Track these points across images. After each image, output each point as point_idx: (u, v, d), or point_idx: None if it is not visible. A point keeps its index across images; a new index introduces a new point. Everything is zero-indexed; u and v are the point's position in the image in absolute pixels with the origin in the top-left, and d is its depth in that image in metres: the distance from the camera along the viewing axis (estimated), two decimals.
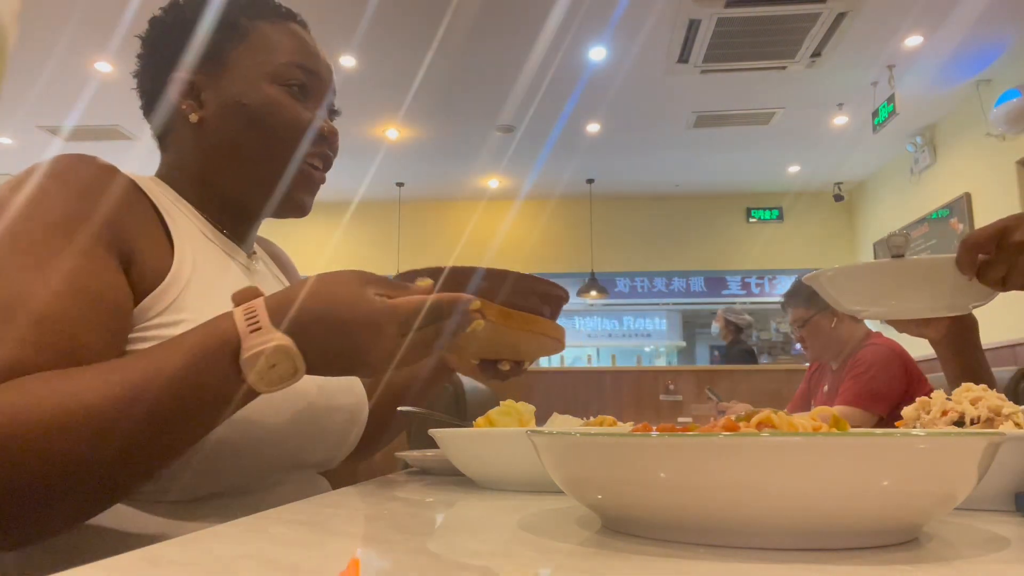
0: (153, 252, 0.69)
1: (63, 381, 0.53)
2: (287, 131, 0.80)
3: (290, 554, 0.40)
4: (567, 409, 0.90)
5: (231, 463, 0.67)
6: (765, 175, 7.21)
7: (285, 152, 0.80)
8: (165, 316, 0.66)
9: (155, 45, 0.82)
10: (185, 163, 0.81)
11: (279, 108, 0.79)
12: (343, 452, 0.87)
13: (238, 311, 0.58)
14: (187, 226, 0.76)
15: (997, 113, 4.79)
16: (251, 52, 0.80)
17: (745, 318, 5.61)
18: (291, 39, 0.82)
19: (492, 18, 4.35)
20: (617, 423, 0.77)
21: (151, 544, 0.39)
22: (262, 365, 0.55)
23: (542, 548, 0.41)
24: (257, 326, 0.56)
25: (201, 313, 0.66)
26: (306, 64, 0.82)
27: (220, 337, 0.56)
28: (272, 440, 0.71)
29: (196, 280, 0.70)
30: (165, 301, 0.67)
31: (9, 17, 0.38)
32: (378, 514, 0.60)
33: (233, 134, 0.78)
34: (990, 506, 0.56)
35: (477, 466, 0.77)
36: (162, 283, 0.67)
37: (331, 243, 7.59)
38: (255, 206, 0.83)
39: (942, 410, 0.63)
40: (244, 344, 0.56)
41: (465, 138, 6.27)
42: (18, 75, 4.89)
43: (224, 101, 0.78)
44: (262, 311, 0.57)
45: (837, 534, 0.38)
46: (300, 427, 0.74)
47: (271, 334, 0.56)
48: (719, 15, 4.23)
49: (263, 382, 0.57)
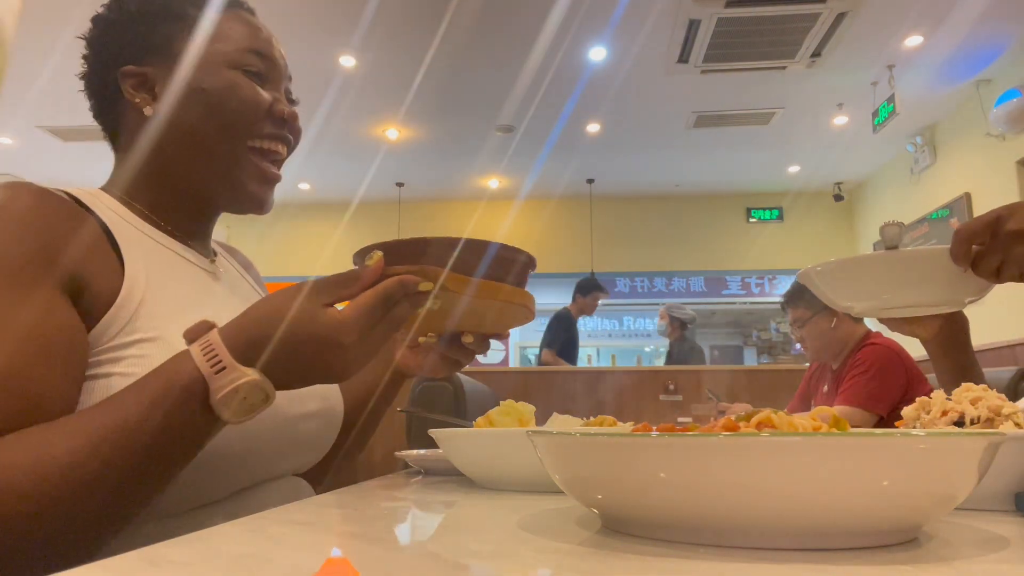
0: (102, 274, 0.66)
1: (31, 445, 0.53)
2: (248, 113, 0.78)
3: (290, 554, 0.40)
4: (567, 409, 0.89)
5: (205, 480, 0.67)
6: (765, 175, 7.21)
7: (245, 134, 0.79)
8: (120, 337, 0.64)
9: (101, 42, 0.81)
10: (138, 161, 0.79)
11: (239, 90, 0.78)
12: (317, 456, 0.87)
13: (196, 351, 0.57)
14: (137, 238, 0.73)
15: (997, 113, 4.79)
16: (202, 40, 0.78)
17: (688, 312, 5.58)
18: (243, 26, 0.81)
19: (492, 18, 4.35)
20: (617, 423, 0.77)
21: (151, 544, 0.39)
22: (236, 402, 0.56)
23: (542, 548, 0.41)
24: (220, 365, 0.56)
25: (161, 330, 0.66)
26: (261, 49, 0.81)
27: (184, 380, 0.56)
28: (246, 455, 0.70)
29: (151, 296, 0.68)
30: (120, 322, 0.65)
31: (9, 17, 0.38)
32: (378, 514, 0.60)
33: (191, 121, 0.77)
34: (990, 506, 0.56)
35: (477, 466, 0.77)
36: (114, 304, 0.65)
37: (331, 243, 7.59)
38: (213, 198, 0.81)
39: (942, 410, 0.63)
40: (212, 386, 0.55)
41: (465, 138, 6.27)
42: (18, 75, 4.89)
43: (179, 90, 0.77)
44: (220, 348, 0.56)
45: (837, 534, 0.38)
46: (273, 438, 0.74)
47: (236, 371, 0.56)
48: (719, 15, 4.23)
49: (236, 416, 0.57)
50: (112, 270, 0.68)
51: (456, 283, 0.62)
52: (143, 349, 0.64)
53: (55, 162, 6.50)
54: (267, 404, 0.58)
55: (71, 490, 0.52)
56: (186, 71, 0.77)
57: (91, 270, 0.65)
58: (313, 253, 7.50)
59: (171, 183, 0.80)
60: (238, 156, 0.79)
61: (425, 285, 0.61)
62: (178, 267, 0.77)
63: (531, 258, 0.68)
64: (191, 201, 0.81)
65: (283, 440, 0.76)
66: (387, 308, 0.60)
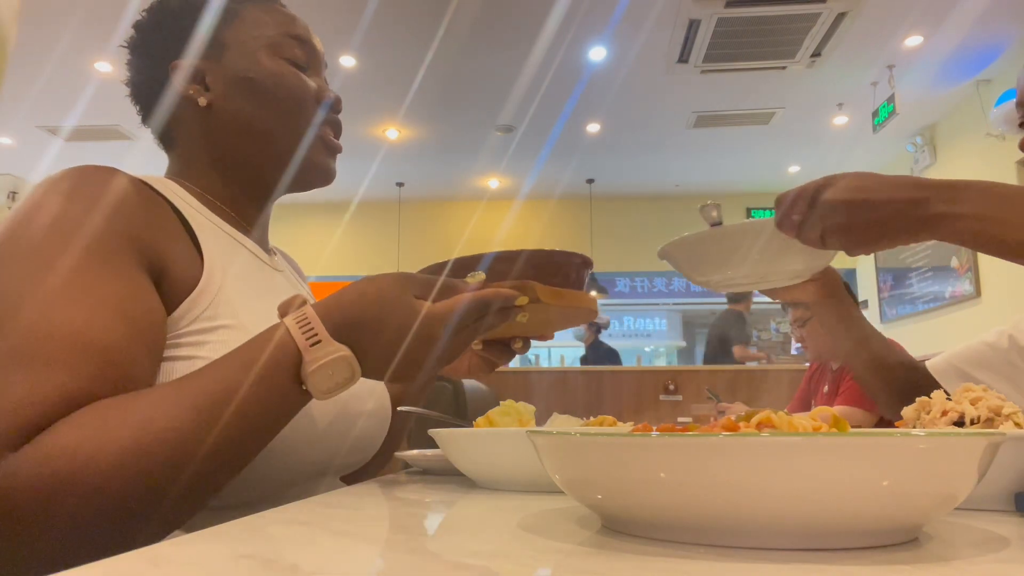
0: (182, 259, 0.68)
1: (135, 408, 0.54)
2: (297, 99, 0.81)
3: (290, 554, 0.40)
4: (567, 409, 0.89)
5: (264, 471, 0.67)
6: (765, 175, 7.21)
7: (299, 120, 0.81)
8: (202, 323, 0.66)
9: (147, 45, 0.82)
10: (197, 154, 0.80)
11: (284, 78, 0.80)
12: (366, 456, 0.87)
13: (291, 323, 0.58)
14: (207, 226, 0.75)
15: (997, 113, 4.79)
16: (246, 30, 0.81)
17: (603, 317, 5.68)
18: (279, 15, 0.84)
19: (492, 18, 4.35)
20: (617, 423, 0.77)
21: (151, 544, 0.39)
22: (324, 375, 0.57)
23: (542, 548, 0.41)
24: (316, 338, 0.57)
25: (238, 317, 0.67)
26: (300, 35, 0.83)
27: (280, 351, 0.57)
28: (306, 446, 0.71)
29: (228, 283, 0.70)
30: (200, 308, 0.66)
31: (9, 17, 0.38)
32: (378, 514, 0.60)
33: (246, 109, 0.79)
34: (990, 506, 0.56)
35: (477, 466, 0.77)
36: (195, 290, 0.67)
37: (331, 243, 7.59)
38: (276, 181, 0.83)
39: (942, 410, 0.63)
40: (306, 357, 0.56)
41: (465, 138, 6.27)
42: (18, 75, 4.89)
43: (230, 80, 0.79)
44: (316, 321, 0.58)
45: (837, 534, 0.38)
46: (332, 432, 0.75)
47: (331, 345, 0.57)
48: (719, 15, 4.23)
49: (323, 391, 0.58)
50: (190, 256, 0.69)
51: (550, 296, 0.65)
52: (225, 336, 0.65)
53: (55, 162, 6.50)
54: (353, 382, 0.59)
55: (168, 454, 0.52)
56: (231, 63, 0.79)
57: (172, 256, 0.67)
58: (313, 253, 7.49)
59: (232, 169, 0.81)
60: (296, 138, 0.81)
61: (521, 300, 0.63)
62: (244, 257, 0.78)
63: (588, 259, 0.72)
64: (253, 186, 0.83)
65: (341, 435, 0.77)
66: (480, 314, 0.61)
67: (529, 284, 0.63)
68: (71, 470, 0.49)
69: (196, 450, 0.53)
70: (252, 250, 0.81)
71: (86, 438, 0.51)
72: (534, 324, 0.72)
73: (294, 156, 0.81)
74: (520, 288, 0.63)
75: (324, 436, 0.73)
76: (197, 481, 0.55)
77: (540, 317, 0.69)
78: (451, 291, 0.62)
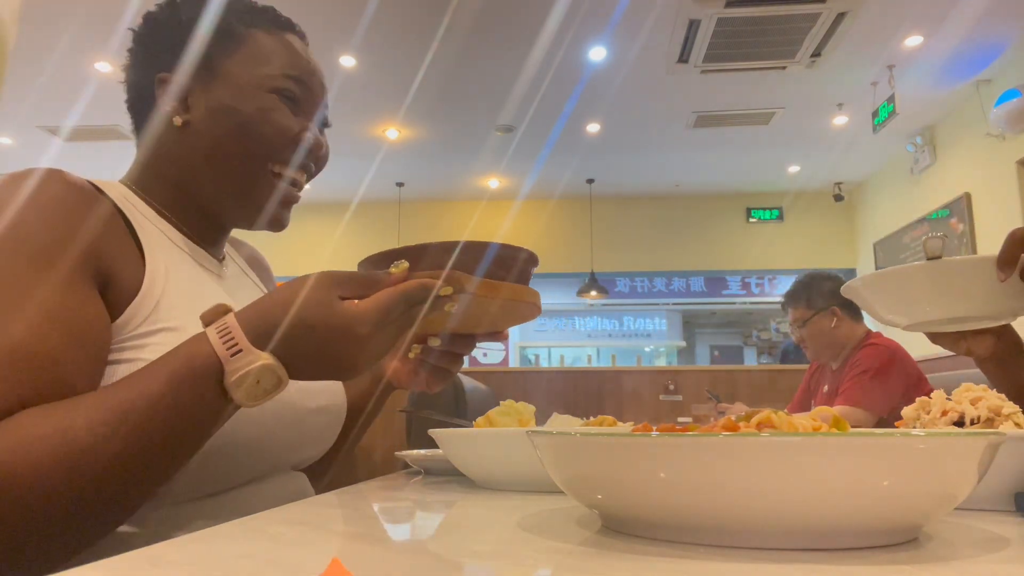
0: (127, 267, 0.68)
1: (56, 417, 0.54)
2: (275, 139, 0.78)
3: (290, 554, 0.40)
4: (567, 409, 0.90)
5: (217, 469, 0.67)
6: (765, 175, 7.21)
7: (268, 160, 0.79)
8: (144, 327, 0.66)
9: (147, 42, 0.81)
10: (162, 166, 0.80)
11: (271, 115, 0.78)
12: (321, 451, 0.88)
13: (212, 333, 0.57)
14: (155, 233, 0.75)
15: (997, 113, 4.79)
16: (245, 60, 0.79)
17: None
18: (286, 50, 0.81)
19: (492, 18, 4.35)
20: (617, 423, 0.78)
21: (163, 527, 0.39)
22: (249, 384, 0.56)
23: (542, 548, 0.41)
24: (237, 348, 0.56)
25: (178, 322, 0.67)
26: (301, 76, 0.81)
27: (200, 362, 0.56)
28: (257, 444, 0.71)
29: (169, 289, 0.70)
30: (143, 313, 0.66)
31: (9, 17, 0.38)
32: (378, 514, 0.60)
33: (218, 139, 0.77)
34: (990, 506, 0.56)
35: (477, 466, 0.77)
36: (137, 296, 0.67)
37: (331, 243, 7.59)
38: (230, 216, 0.82)
39: (942, 410, 0.63)
40: (227, 368, 0.56)
41: (465, 138, 6.27)
42: (18, 75, 4.89)
43: (213, 106, 0.77)
44: (237, 331, 0.57)
45: (837, 534, 0.38)
46: (284, 430, 0.75)
47: (252, 355, 0.56)
48: (719, 15, 4.23)
49: (249, 399, 0.57)
50: (134, 261, 0.69)
51: (483, 288, 0.63)
52: (165, 338, 0.65)
53: (55, 162, 6.50)
54: (279, 389, 0.58)
55: (91, 464, 0.53)
56: (219, 90, 0.78)
57: (118, 265, 0.67)
58: (313, 253, 7.49)
59: (188, 192, 0.80)
60: (257, 178, 0.79)
61: (446, 289, 0.61)
62: (190, 267, 0.78)
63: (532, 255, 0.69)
64: (206, 212, 0.82)
65: (294, 432, 0.77)
66: (405, 308, 0.60)
67: (456, 274, 0.61)
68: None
69: (115, 459, 0.54)
70: (195, 257, 0.80)
71: (5, 448, 0.51)
72: (472, 319, 0.70)
73: (250, 197, 0.80)
74: (447, 279, 0.61)
75: (271, 433, 0.73)
76: (124, 487, 0.55)
77: (477, 311, 0.67)
78: (375, 285, 0.60)
